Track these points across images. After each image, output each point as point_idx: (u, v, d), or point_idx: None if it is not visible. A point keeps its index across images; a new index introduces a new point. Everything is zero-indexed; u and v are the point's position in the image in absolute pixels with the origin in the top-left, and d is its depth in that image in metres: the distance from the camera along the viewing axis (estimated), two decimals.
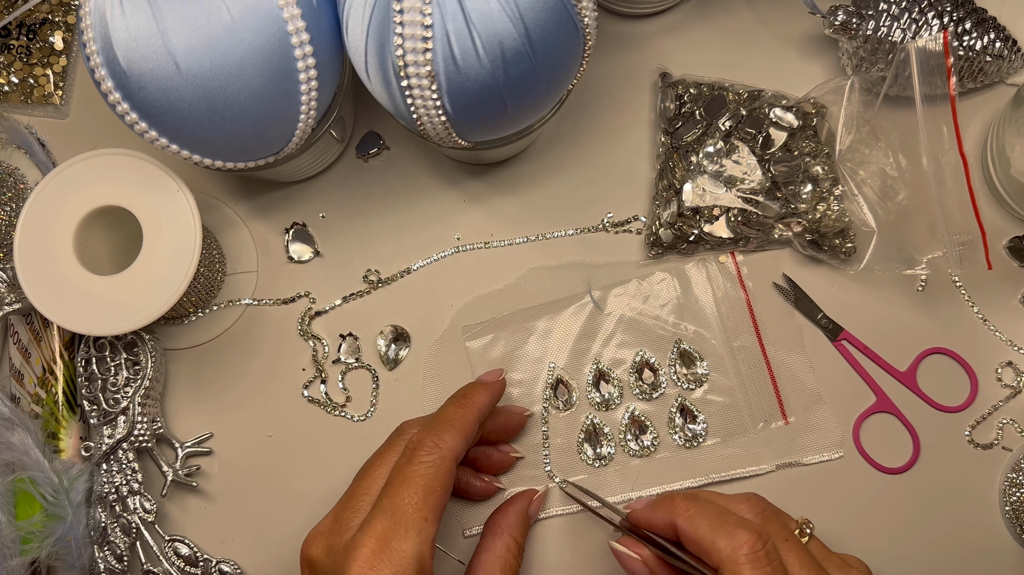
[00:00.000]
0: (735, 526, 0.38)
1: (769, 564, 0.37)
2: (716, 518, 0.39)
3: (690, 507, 0.40)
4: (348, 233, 0.54)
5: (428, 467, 0.40)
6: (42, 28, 0.56)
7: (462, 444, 0.42)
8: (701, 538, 0.39)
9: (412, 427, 0.45)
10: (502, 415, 0.49)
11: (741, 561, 0.37)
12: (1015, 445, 0.51)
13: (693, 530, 0.39)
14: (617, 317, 0.52)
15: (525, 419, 0.50)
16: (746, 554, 0.37)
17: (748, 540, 0.37)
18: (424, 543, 0.38)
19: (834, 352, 0.52)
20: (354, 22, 0.39)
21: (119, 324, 0.45)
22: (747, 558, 0.37)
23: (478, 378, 0.48)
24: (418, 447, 0.41)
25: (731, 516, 0.39)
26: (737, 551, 0.37)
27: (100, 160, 0.46)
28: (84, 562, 0.48)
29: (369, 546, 0.37)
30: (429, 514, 0.39)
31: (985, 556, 0.50)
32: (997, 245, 0.53)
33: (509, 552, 0.45)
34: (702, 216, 0.51)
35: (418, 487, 0.39)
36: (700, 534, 0.39)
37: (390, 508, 0.38)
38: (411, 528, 0.38)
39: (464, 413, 0.43)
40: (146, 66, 0.38)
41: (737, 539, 0.37)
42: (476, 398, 0.45)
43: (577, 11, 0.39)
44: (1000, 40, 0.51)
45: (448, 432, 0.41)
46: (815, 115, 0.52)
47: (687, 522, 0.39)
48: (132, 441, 0.49)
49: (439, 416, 0.43)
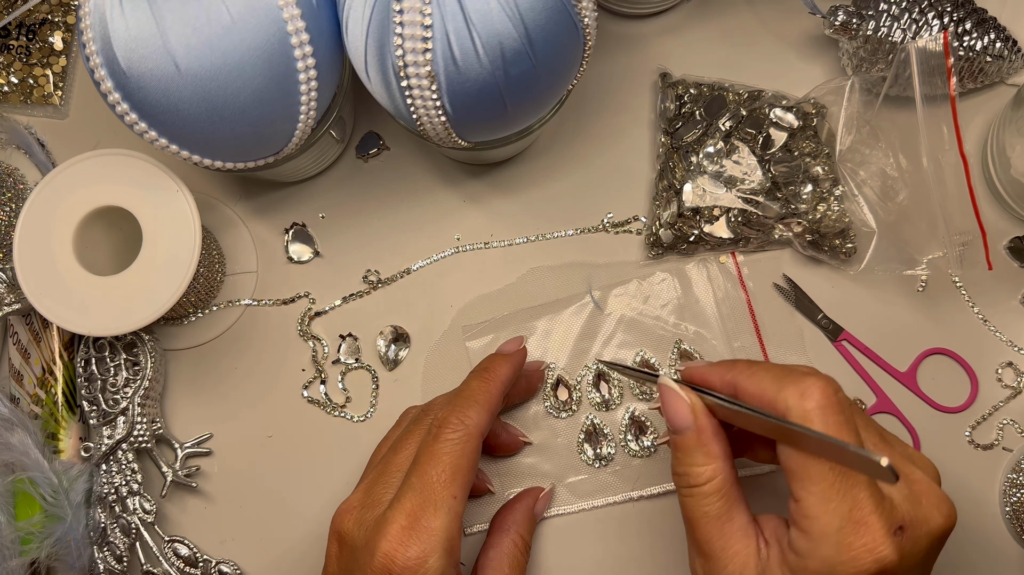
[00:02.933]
0: (803, 375, 0.35)
1: (841, 413, 0.34)
2: (781, 371, 0.36)
3: (752, 365, 0.38)
4: (348, 233, 0.54)
5: (455, 445, 0.40)
6: (42, 28, 0.56)
7: (487, 419, 0.42)
8: (765, 391, 0.36)
9: (437, 405, 0.45)
10: (523, 379, 0.49)
11: (811, 407, 0.34)
12: (1015, 446, 0.51)
13: (756, 384, 0.36)
14: (617, 317, 0.52)
15: (544, 373, 0.51)
16: (817, 400, 0.34)
17: (819, 386, 0.34)
18: (453, 521, 0.38)
19: (834, 352, 0.52)
20: (354, 22, 0.39)
21: (119, 324, 0.45)
22: (818, 404, 0.34)
23: (499, 348, 0.48)
24: (444, 424, 0.41)
25: (797, 369, 0.37)
26: (807, 398, 0.34)
27: (100, 160, 0.46)
28: (84, 563, 0.48)
29: (399, 522, 0.38)
30: (457, 492, 0.39)
31: (985, 556, 0.50)
32: (997, 245, 0.53)
33: (516, 549, 0.45)
34: (702, 216, 0.51)
35: (445, 465, 0.39)
36: (764, 387, 0.36)
37: (419, 486, 0.39)
38: (440, 506, 0.38)
39: (488, 387, 0.43)
40: (146, 66, 0.38)
41: (806, 386, 0.35)
42: (499, 371, 0.44)
43: (577, 11, 0.39)
44: (1000, 40, 0.51)
45: (473, 408, 0.41)
46: (815, 115, 0.52)
47: (749, 378, 0.37)
48: (132, 442, 0.49)
49: (463, 392, 0.43)
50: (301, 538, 0.51)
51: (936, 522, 0.35)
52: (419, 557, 0.37)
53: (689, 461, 0.38)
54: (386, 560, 0.37)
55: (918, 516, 0.35)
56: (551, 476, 0.50)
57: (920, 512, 0.35)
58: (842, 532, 0.33)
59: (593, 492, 0.50)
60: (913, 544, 0.35)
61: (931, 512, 0.36)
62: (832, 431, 0.34)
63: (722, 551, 0.36)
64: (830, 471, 0.34)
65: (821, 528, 0.34)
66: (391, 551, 0.37)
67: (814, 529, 0.34)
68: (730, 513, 0.37)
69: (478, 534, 0.50)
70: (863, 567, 0.33)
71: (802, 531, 0.34)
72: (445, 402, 0.44)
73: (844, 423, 0.34)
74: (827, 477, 0.34)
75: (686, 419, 0.38)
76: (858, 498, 0.33)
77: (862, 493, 0.33)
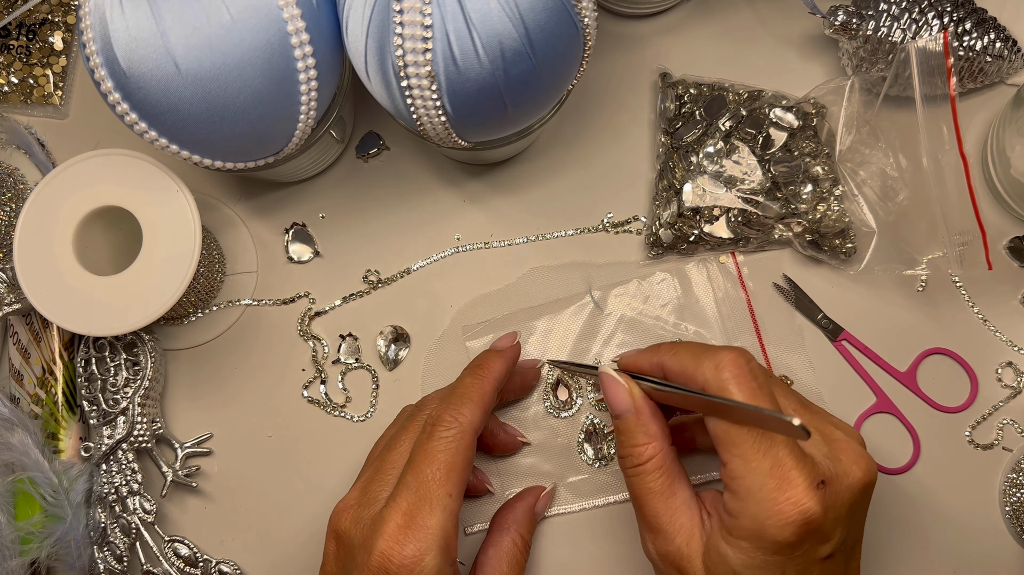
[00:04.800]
0: (717, 350, 0.39)
1: (754, 380, 0.37)
2: (699, 349, 0.40)
3: (674, 346, 0.42)
4: (348, 233, 0.54)
5: (449, 442, 0.40)
6: (42, 28, 0.56)
7: (481, 416, 0.42)
8: (685, 367, 0.40)
9: (431, 401, 0.45)
10: (518, 375, 0.49)
11: (726, 377, 0.37)
12: (1015, 445, 0.51)
13: (678, 363, 0.40)
14: (617, 317, 0.52)
15: (540, 371, 0.51)
16: (731, 370, 0.38)
17: (731, 357, 0.38)
18: (449, 519, 0.39)
19: (834, 352, 0.52)
20: (354, 22, 0.39)
21: (119, 324, 0.45)
22: (732, 374, 0.37)
23: (492, 344, 0.48)
24: (438, 422, 0.41)
25: (714, 347, 0.40)
26: (721, 370, 0.38)
27: (100, 160, 0.46)
28: (84, 562, 0.48)
29: (395, 521, 0.38)
30: (453, 489, 0.39)
31: (985, 556, 0.50)
32: (997, 245, 0.53)
33: (516, 548, 0.45)
34: (702, 216, 0.51)
35: (440, 463, 0.40)
36: (684, 363, 0.40)
37: (414, 485, 0.39)
38: (436, 504, 0.39)
39: (481, 384, 0.43)
40: (146, 66, 0.38)
41: (719, 359, 0.38)
42: (492, 367, 0.45)
43: (577, 11, 0.39)
44: (1000, 40, 0.51)
45: (466, 405, 0.42)
46: (815, 115, 0.52)
47: (672, 358, 0.41)
48: (132, 441, 0.49)
49: (456, 389, 0.43)
50: (301, 538, 0.51)
51: (856, 476, 0.38)
52: (415, 555, 0.38)
53: (631, 442, 0.41)
54: (383, 559, 0.38)
55: (838, 471, 0.38)
56: (551, 476, 0.50)
57: (840, 467, 0.38)
58: (766, 488, 0.36)
59: (593, 492, 0.50)
60: (835, 497, 0.37)
61: (850, 467, 0.38)
62: (747, 397, 0.37)
63: (669, 524, 0.39)
64: (750, 433, 0.37)
65: (747, 486, 0.36)
66: (387, 550, 0.38)
67: (741, 488, 0.37)
68: (672, 488, 0.40)
69: (478, 533, 0.50)
70: (789, 519, 0.35)
71: (732, 492, 0.37)
72: (439, 399, 0.44)
73: (758, 389, 0.37)
74: (747, 439, 0.37)
75: (625, 402, 0.41)
76: (778, 456, 0.36)
77: (781, 451, 0.36)
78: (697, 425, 0.47)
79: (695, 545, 0.39)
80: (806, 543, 0.36)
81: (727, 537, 0.37)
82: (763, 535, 0.36)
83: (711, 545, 0.38)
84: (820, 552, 0.37)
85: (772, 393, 0.38)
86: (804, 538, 0.36)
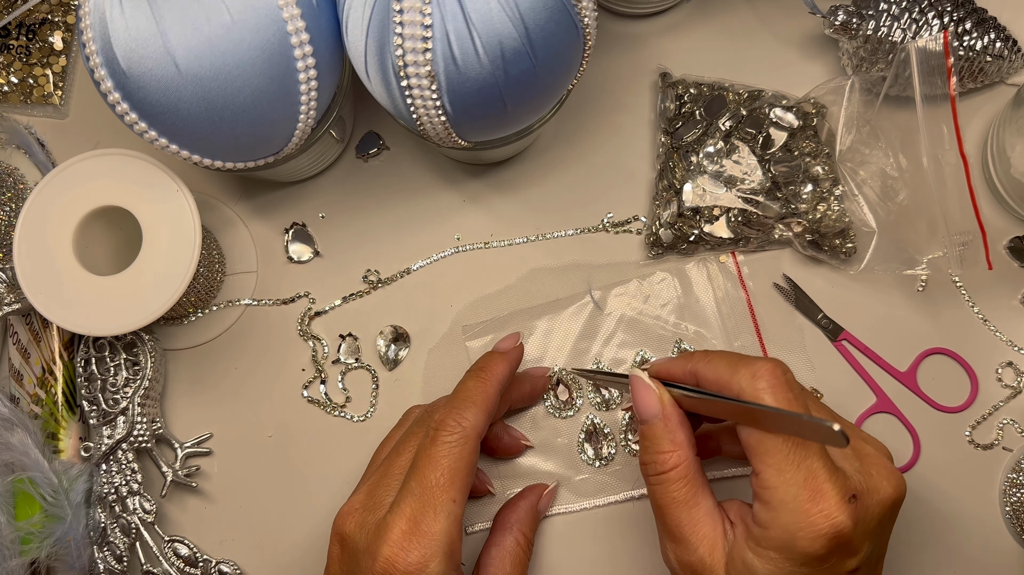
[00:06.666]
0: (753, 360, 0.38)
1: (791, 391, 0.37)
2: (735, 358, 0.39)
3: (709, 354, 0.41)
4: (348, 233, 0.54)
5: (452, 447, 0.40)
6: (42, 28, 0.56)
7: (484, 420, 0.42)
8: (720, 376, 0.39)
9: (441, 406, 0.44)
10: (526, 382, 0.49)
11: (762, 387, 0.37)
12: (1015, 445, 0.51)
13: (713, 371, 0.39)
14: (617, 317, 0.52)
15: (548, 379, 0.51)
16: (768, 380, 0.37)
17: (768, 367, 0.37)
18: (453, 524, 0.39)
19: (834, 352, 0.52)
20: (354, 22, 0.39)
21: (119, 324, 0.45)
22: (769, 383, 0.37)
23: (495, 346, 0.48)
24: (441, 427, 0.41)
25: (749, 356, 0.39)
26: (757, 379, 0.37)
27: (100, 160, 0.46)
28: (84, 562, 0.48)
29: (400, 527, 0.38)
30: (456, 495, 0.39)
31: (985, 556, 0.50)
32: (997, 245, 0.53)
33: (519, 546, 0.45)
34: (702, 216, 0.51)
35: (444, 468, 0.39)
36: (720, 372, 0.39)
37: (418, 490, 0.39)
38: (440, 510, 0.39)
39: (484, 387, 0.43)
40: (146, 66, 0.38)
41: (756, 368, 0.37)
42: (495, 369, 0.44)
43: (577, 11, 0.39)
44: (1000, 40, 0.51)
45: (469, 409, 0.41)
46: (815, 115, 0.52)
47: (707, 366, 0.40)
48: (132, 441, 0.49)
49: (459, 393, 0.43)
50: (301, 538, 0.51)
51: (886, 491, 0.38)
52: (420, 562, 0.38)
53: (656, 448, 0.40)
54: (387, 565, 0.38)
55: (869, 486, 0.37)
56: (552, 476, 0.50)
57: (871, 482, 0.38)
58: (799, 500, 0.35)
59: (594, 492, 0.50)
60: (866, 512, 0.37)
61: (881, 483, 0.38)
62: (783, 407, 0.36)
63: (692, 534, 0.39)
64: (784, 443, 0.36)
65: (780, 497, 0.36)
66: (392, 556, 0.38)
67: (773, 499, 0.36)
68: (696, 498, 0.39)
69: (480, 532, 0.50)
70: (821, 531, 0.35)
71: (763, 502, 0.36)
72: (443, 403, 0.44)
73: (794, 399, 0.37)
74: (782, 449, 0.36)
75: (654, 407, 0.41)
76: (812, 468, 0.36)
77: (816, 463, 0.36)
78: (724, 433, 0.47)
79: (718, 555, 0.38)
80: (834, 556, 0.36)
81: (754, 547, 0.37)
82: (793, 546, 0.35)
83: (736, 555, 0.37)
84: (847, 566, 0.37)
85: (807, 405, 0.38)
86: (833, 551, 0.36)
